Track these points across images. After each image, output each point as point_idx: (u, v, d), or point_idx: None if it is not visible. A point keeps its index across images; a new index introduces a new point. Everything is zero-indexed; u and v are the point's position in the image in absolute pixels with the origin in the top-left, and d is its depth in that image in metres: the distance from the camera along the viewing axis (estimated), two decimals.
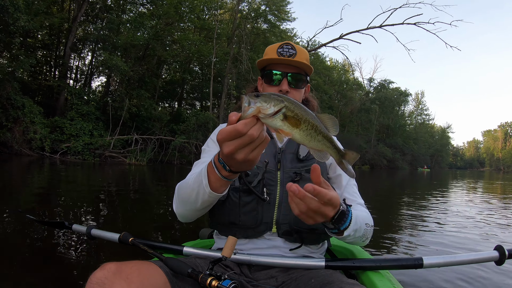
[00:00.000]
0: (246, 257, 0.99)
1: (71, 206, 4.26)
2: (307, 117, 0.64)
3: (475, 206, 6.20)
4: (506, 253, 1.04)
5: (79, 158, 15.13)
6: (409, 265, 1.01)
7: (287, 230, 1.02)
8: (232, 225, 1.04)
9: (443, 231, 3.74)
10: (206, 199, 0.84)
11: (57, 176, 8.15)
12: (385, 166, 45.93)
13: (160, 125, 19.07)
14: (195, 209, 0.92)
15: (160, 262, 0.82)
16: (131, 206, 4.62)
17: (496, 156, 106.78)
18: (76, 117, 16.79)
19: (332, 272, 0.93)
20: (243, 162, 0.67)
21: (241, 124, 0.60)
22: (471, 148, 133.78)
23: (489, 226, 4.16)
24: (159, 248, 1.16)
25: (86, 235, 1.39)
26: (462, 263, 1.06)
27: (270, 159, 1.07)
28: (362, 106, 45.73)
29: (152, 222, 3.66)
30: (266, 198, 1.01)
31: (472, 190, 10.57)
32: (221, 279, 0.72)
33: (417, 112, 72.51)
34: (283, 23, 28.77)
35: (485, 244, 3.24)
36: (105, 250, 2.31)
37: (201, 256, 1.05)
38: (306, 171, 1.06)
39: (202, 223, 2.89)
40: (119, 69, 16.32)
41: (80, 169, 10.39)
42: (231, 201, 1.03)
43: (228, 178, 0.77)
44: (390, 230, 3.74)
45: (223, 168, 0.74)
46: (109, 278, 0.66)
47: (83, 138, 15.86)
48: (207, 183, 0.80)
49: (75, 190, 5.85)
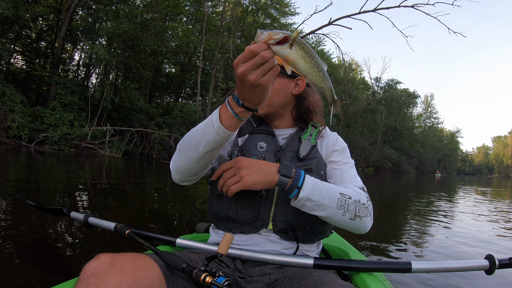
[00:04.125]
0: (236, 251, 0.98)
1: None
2: (311, 52, 0.71)
3: (478, 213, 5.88)
4: (497, 262, 1.05)
5: (54, 148, 14.58)
6: (398, 269, 1.00)
7: (282, 227, 1.00)
8: (229, 220, 1.02)
9: (440, 237, 3.61)
10: (212, 138, 0.84)
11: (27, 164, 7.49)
12: (390, 169, 44.78)
13: (146, 117, 18.19)
14: (195, 156, 0.90)
15: (155, 255, 0.81)
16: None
17: (505, 163, 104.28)
18: (58, 107, 16.29)
19: (326, 273, 0.93)
20: (255, 88, 0.72)
21: (254, 45, 0.68)
22: (481, 154, 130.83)
23: (489, 234, 4.02)
24: (153, 238, 1.18)
25: (83, 222, 1.46)
26: (451, 270, 1.05)
27: (269, 156, 1.06)
28: (368, 106, 44.24)
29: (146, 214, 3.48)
30: (263, 193, 1.00)
31: (478, 197, 9.90)
32: (215, 276, 0.72)
33: (425, 115, 70.87)
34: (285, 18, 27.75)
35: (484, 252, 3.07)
36: (100, 241, 2.25)
37: (195, 249, 1.04)
38: (306, 171, 1.01)
39: (199, 218, 2.94)
40: (100, 58, 15.64)
41: (47, 159, 9.70)
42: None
43: (240, 116, 0.80)
44: (388, 233, 3.68)
45: (237, 103, 0.79)
46: (104, 269, 0.65)
47: (62, 128, 15.27)
48: (218, 119, 0.81)
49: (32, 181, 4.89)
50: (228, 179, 0.90)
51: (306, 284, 0.84)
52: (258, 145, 1.07)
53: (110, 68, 17.59)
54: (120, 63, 17.68)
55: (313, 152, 1.08)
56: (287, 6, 26.76)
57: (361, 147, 39.58)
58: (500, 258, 1.06)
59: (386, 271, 1.01)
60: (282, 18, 27.05)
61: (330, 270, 0.99)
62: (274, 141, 1.10)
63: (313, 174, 1.00)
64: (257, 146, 1.07)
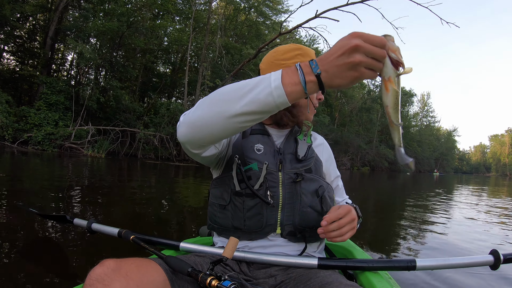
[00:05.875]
0: (241, 253, 0.97)
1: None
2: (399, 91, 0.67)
3: (477, 210, 5.88)
4: (501, 257, 1.04)
5: (38, 149, 14.34)
6: (402, 267, 0.99)
7: (291, 230, 1.00)
8: (236, 230, 1.00)
9: (442, 234, 3.59)
10: (261, 98, 0.68)
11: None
12: (386, 168, 44.57)
13: (134, 117, 17.84)
14: (227, 113, 0.72)
15: (160, 260, 0.79)
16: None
17: (502, 161, 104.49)
18: (43, 106, 16.04)
19: (331, 273, 0.91)
20: (350, 69, 0.62)
21: (388, 44, 0.63)
22: (478, 152, 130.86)
23: (490, 231, 3.98)
24: (157, 243, 1.17)
25: (86, 229, 1.48)
26: (456, 266, 1.03)
27: (270, 159, 1.03)
28: (363, 105, 43.99)
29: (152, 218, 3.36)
30: (270, 201, 0.97)
31: (476, 195, 9.81)
32: (221, 279, 0.71)
33: (422, 114, 70.69)
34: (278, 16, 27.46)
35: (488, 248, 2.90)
36: (105, 246, 2.20)
37: (199, 253, 1.02)
38: (306, 171, 1.05)
39: (203, 222, 2.84)
40: (85, 57, 15.33)
41: (31, 159, 9.47)
42: (234, 206, 0.99)
43: (307, 86, 0.66)
44: (388, 232, 3.65)
45: (312, 71, 0.65)
46: (109, 275, 0.64)
47: (45, 128, 15.00)
48: (279, 78, 0.67)
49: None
50: (344, 226, 0.88)
51: (312, 285, 0.83)
52: (255, 147, 1.04)
53: (95, 67, 17.20)
54: (107, 61, 17.32)
55: (310, 152, 1.08)
56: (279, 4, 26.49)
57: (356, 146, 39.36)
58: (505, 253, 1.06)
59: (391, 269, 1.00)
60: (274, 16, 26.77)
61: (335, 270, 0.98)
62: (271, 141, 1.08)
63: (313, 174, 1.04)
64: (254, 148, 1.03)
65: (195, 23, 19.70)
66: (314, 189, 1.02)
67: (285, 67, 0.79)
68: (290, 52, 1.08)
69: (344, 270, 1.08)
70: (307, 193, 1.00)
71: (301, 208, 0.98)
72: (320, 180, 1.06)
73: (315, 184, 1.03)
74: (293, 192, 1.00)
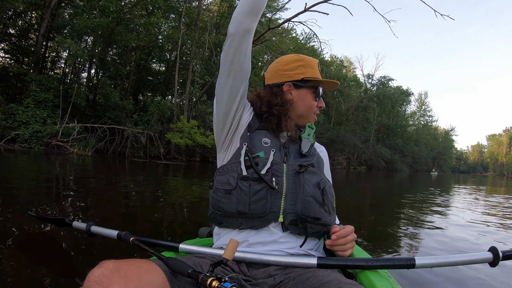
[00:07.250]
0: (240, 254, 0.98)
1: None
2: None
3: (475, 209, 5.89)
4: (500, 254, 1.03)
5: (25, 146, 14.11)
6: (402, 265, 1.00)
7: (293, 219, 1.02)
8: (240, 215, 1.02)
9: (440, 232, 3.60)
10: None
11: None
12: (383, 167, 44.45)
13: (124, 114, 17.56)
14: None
15: (160, 261, 0.80)
16: None
17: (500, 161, 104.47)
18: (31, 104, 15.81)
19: (330, 272, 0.92)
20: None
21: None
22: (475, 152, 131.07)
23: (488, 228, 4.01)
24: (156, 245, 1.18)
25: (86, 232, 1.49)
26: (455, 264, 1.04)
27: (276, 151, 1.08)
28: (360, 103, 43.78)
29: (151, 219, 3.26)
30: (275, 186, 1.01)
31: (474, 195, 9.81)
32: (221, 281, 0.71)
33: (419, 113, 70.59)
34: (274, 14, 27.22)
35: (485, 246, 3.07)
36: (103, 248, 2.15)
37: (199, 255, 1.03)
38: (309, 165, 1.10)
39: (202, 223, 2.94)
40: (72, 54, 15.14)
41: (18, 157, 9.19)
42: (241, 190, 1.01)
43: None
44: (386, 231, 3.59)
45: None
46: (108, 276, 0.64)
47: (33, 126, 14.77)
48: None
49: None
50: (347, 244, 1.00)
51: (311, 284, 0.84)
52: (262, 140, 1.09)
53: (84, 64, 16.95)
54: (97, 58, 17.04)
55: (312, 149, 1.14)
56: (274, 1, 26.25)
57: (353, 145, 39.15)
58: (504, 250, 1.06)
59: (390, 268, 1.01)
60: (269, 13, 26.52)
61: (334, 269, 0.99)
62: (277, 137, 1.14)
63: (315, 169, 1.09)
64: (262, 141, 1.09)
65: (188, 20, 19.45)
66: (316, 182, 1.06)
67: (287, 78, 1.12)
68: (292, 63, 1.18)
69: (343, 269, 1.09)
70: (310, 184, 1.04)
71: (303, 197, 1.01)
72: (322, 175, 1.11)
73: (317, 177, 1.07)
74: (297, 182, 1.03)
